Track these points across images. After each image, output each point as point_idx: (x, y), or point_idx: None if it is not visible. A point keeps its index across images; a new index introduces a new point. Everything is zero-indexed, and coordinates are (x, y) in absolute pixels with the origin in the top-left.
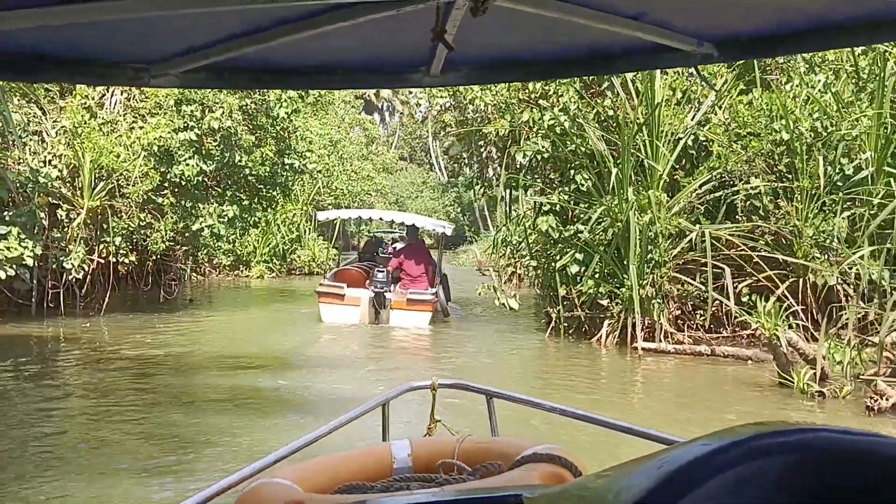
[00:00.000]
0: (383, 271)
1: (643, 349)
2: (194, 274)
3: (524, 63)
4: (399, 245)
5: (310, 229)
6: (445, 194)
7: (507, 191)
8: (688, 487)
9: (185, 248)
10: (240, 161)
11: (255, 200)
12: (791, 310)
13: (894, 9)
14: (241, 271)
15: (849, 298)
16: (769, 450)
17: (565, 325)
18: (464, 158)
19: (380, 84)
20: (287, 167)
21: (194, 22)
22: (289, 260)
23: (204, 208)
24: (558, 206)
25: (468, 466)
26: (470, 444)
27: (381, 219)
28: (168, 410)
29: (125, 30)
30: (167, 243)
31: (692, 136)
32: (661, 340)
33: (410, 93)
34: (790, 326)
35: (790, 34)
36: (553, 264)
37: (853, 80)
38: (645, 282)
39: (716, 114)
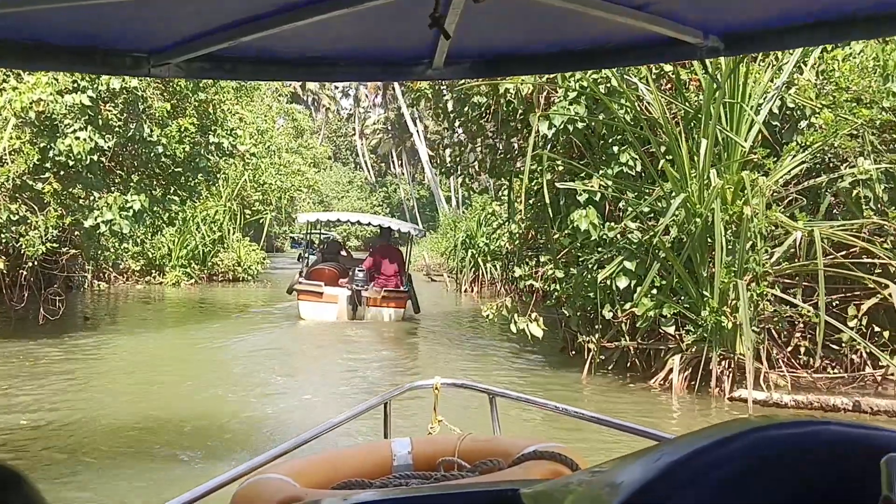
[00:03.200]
0: (363, 270)
1: (753, 401)
2: (96, 281)
3: (528, 56)
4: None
5: (234, 229)
6: (374, 194)
7: (507, 176)
8: (685, 481)
9: (74, 250)
10: (150, 136)
11: (171, 190)
12: None
13: None
14: (154, 277)
15: None
16: (771, 443)
17: (602, 357)
18: (392, 156)
19: (382, 76)
20: (213, 147)
21: (194, 9)
22: (210, 264)
23: (100, 198)
24: (598, 195)
25: (468, 464)
26: (471, 443)
27: (358, 221)
28: None
29: (124, 17)
30: (49, 244)
31: (777, 103)
32: (764, 386)
33: (335, 87)
34: None
35: (797, 26)
36: (590, 275)
37: None
38: (737, 301)
39: (802, 73)
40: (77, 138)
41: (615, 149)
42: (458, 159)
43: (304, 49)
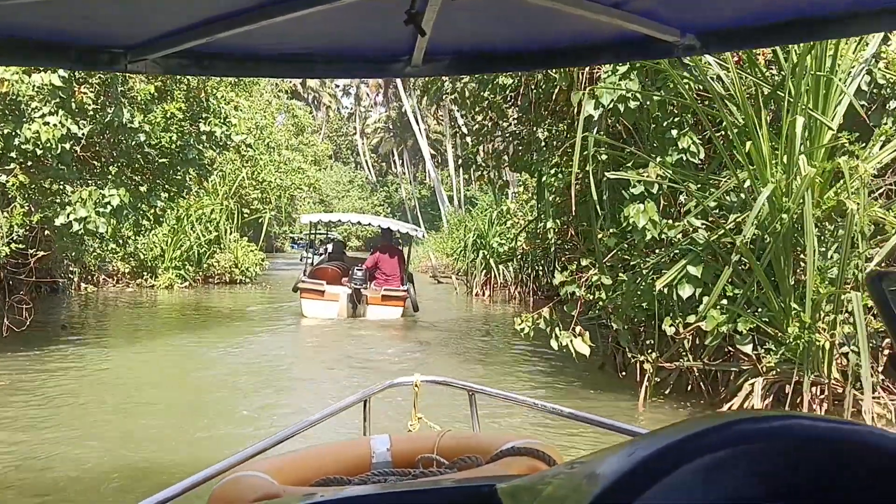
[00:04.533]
0: (362, 269)
1: None
2: (83, 284)
3: (506, 54)
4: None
5: (231, 228)
6: (374, 194)
7: (537, 167)
8: (659, 474)
9: (47, 252)
10: (131, 122)
11: (159, 185)
12: None
13: (875, 0)
14: (146, 280)
15: None
16: (745, 436)
17: (657, 378)
18: (393, 155)
19: (361, 73)
20: (203, 136)
21: (171, 5)
22: (205, 265)
23: (74, 192)
24: (655, 187)
25: (447, 461)
26: (450, 439)
27: (359, 222)
28: None
29: (101, 13)
30: (14, 245)
31: (865, 78)
32: (867, 418)
33: (337, 85)
34: None
35: (773, 24)
36: (644, 282)
37: None
38: (835, 315)
39: (887, 44)
40: (46, 124)
41: (673, 132)
42: (476, 150)
43: (282, 46)
